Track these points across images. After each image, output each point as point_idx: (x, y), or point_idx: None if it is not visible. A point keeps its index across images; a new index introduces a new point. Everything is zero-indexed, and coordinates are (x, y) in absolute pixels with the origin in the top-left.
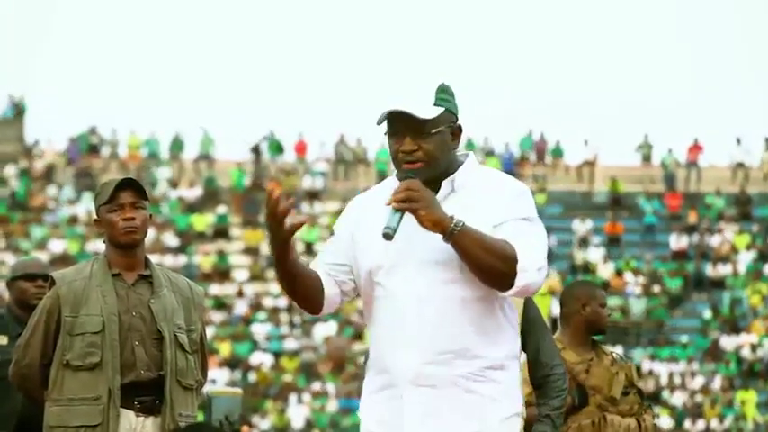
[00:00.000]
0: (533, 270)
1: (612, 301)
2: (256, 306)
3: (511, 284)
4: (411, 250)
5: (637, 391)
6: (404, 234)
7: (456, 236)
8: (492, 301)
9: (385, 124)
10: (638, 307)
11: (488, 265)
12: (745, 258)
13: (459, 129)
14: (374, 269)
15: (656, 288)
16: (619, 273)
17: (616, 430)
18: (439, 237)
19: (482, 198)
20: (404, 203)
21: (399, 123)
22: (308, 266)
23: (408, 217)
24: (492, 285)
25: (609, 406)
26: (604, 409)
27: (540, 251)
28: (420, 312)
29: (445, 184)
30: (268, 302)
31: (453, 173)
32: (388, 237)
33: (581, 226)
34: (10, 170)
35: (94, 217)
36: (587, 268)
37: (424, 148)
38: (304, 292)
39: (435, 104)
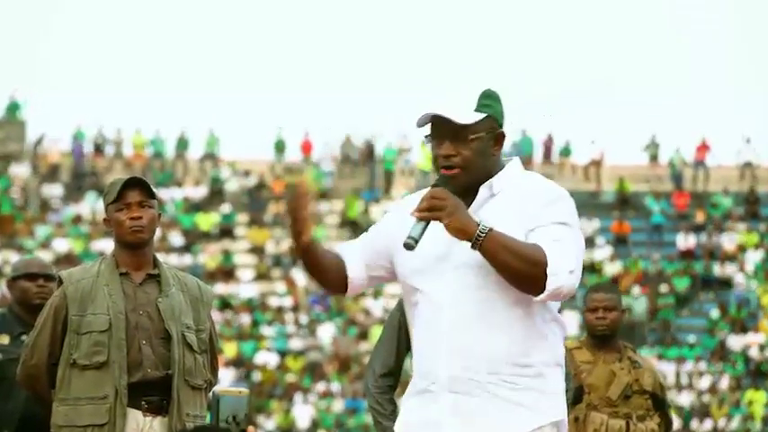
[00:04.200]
0: (564, 273)
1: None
2: (262, 306)
3: (542, 289)
4: (445, 254)
5: (650, 396)
6: (439, 238)
7: (482, 242)
8: (528, 307)
9: (425, 127)
10: (639, 306)
11: (517, 270)
12: (753, 258)
13: (502, 135)
14: (411, 274)
15: (664, 288)
16: (625, 272)
17: (597, 429)
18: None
19: (519, 203)
20: (427, 213)
21: (439, 127)
22: (330, 252)
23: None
24: (523, 290)
25: (603, 406)
26: (594, 407)
27: (573, 255)
28: (452, 317)
29: (483, 189)
30: (273, 302)
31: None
32: (409, 247)
33: (588, 225)
34: (16, 169)
35: (104, 216)
36: (594, 268)
37: (462, 154)
38: (324, 276)
39: (477, 110)
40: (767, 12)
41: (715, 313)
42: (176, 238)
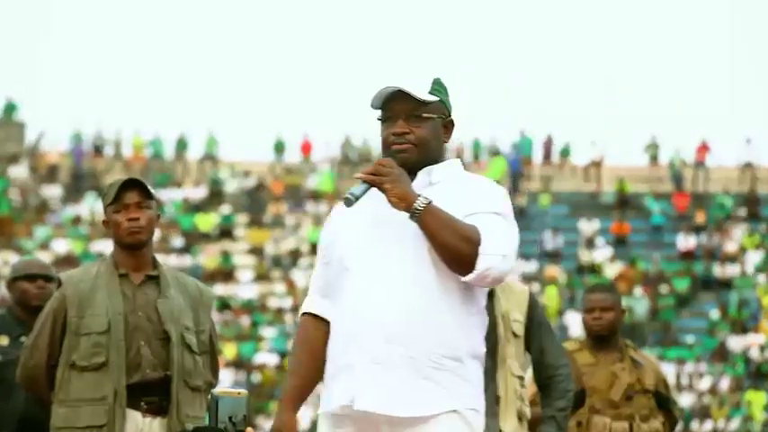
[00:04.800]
0: (496, 255)
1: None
2: (261, 307)
3: (472, 267)
4: (380, 233)
5: (653, 395)
6: (374, 218)
7: (421, 213)
8: (460, 295)
9: (378, 113)
10: (641, 308)
11: (451, 245)
12: (754, 258)
13: (452, 123)
14: (344, 256)
15: (664, 288)
16: (626, 273)
17: None
18: (408, 219)
19: (457, 193)
20: (372, 176)
21: (394, 106)
22: (308, 361)
23: (380, 203)
24: (454, 267)
25: (606, 408)
26: (597, 410)
27: (507, 241)
28: (380, 292)
29: (421, 175)
30: (273, 303)
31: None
32: (348, 202)
33: (588, 226)
34: (15, 170)
35: (103, 217)
36: (593, 269)
37: (415, 132)
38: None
39: (430, 93)
40: (767, 12)
41: (715, 314)
42: (176, 239)
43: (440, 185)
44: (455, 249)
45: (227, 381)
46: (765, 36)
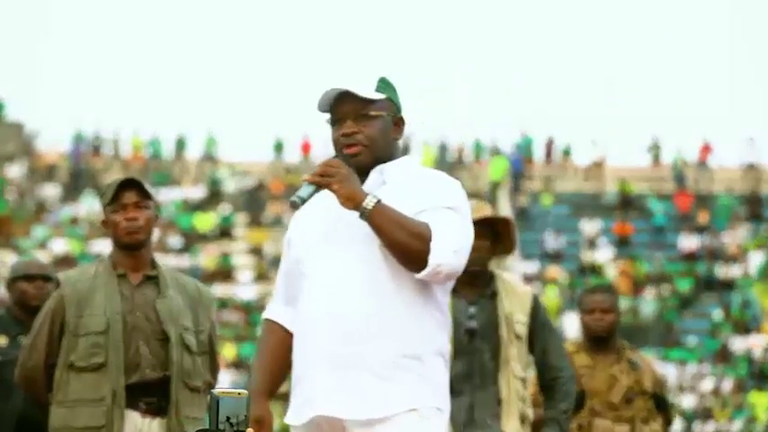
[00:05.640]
0: (447, 251)
1: (621, 303)
2: (260, 307)
3: (424, 263)
4: (334, 233)
5: (652, 397)
6: (329, 219)
7: (370, 211)
8: (416, 293)
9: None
10: (647, 309)
11: (401, 243)
12: (756, 259)
13: (402, 120)
14: (300, 258)
15: (666, 289)
16: (627, 274)
17: None
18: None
19: (409, 190)
20: (319, 178)
21: (341, 108)
22: (273, 360)
23: (336, 203)
24: (406, 265)
25: (606, 411)
26: (597, 413)
27: (458, 236)
28: (335, 292)
29: (374, 174)
30: None
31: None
32: (294, 205)
33: (589, 226)
34: (12, 170)
35: (101, 217)
36: (595, 269)
37: (364, 132)
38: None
39: (376, 91)
40: (767, 12)
41: (718, 315)
42: (175, 239)
43: (393, 183)
44: (406, 247)
45: (225, 382)
46: (765, 36)
